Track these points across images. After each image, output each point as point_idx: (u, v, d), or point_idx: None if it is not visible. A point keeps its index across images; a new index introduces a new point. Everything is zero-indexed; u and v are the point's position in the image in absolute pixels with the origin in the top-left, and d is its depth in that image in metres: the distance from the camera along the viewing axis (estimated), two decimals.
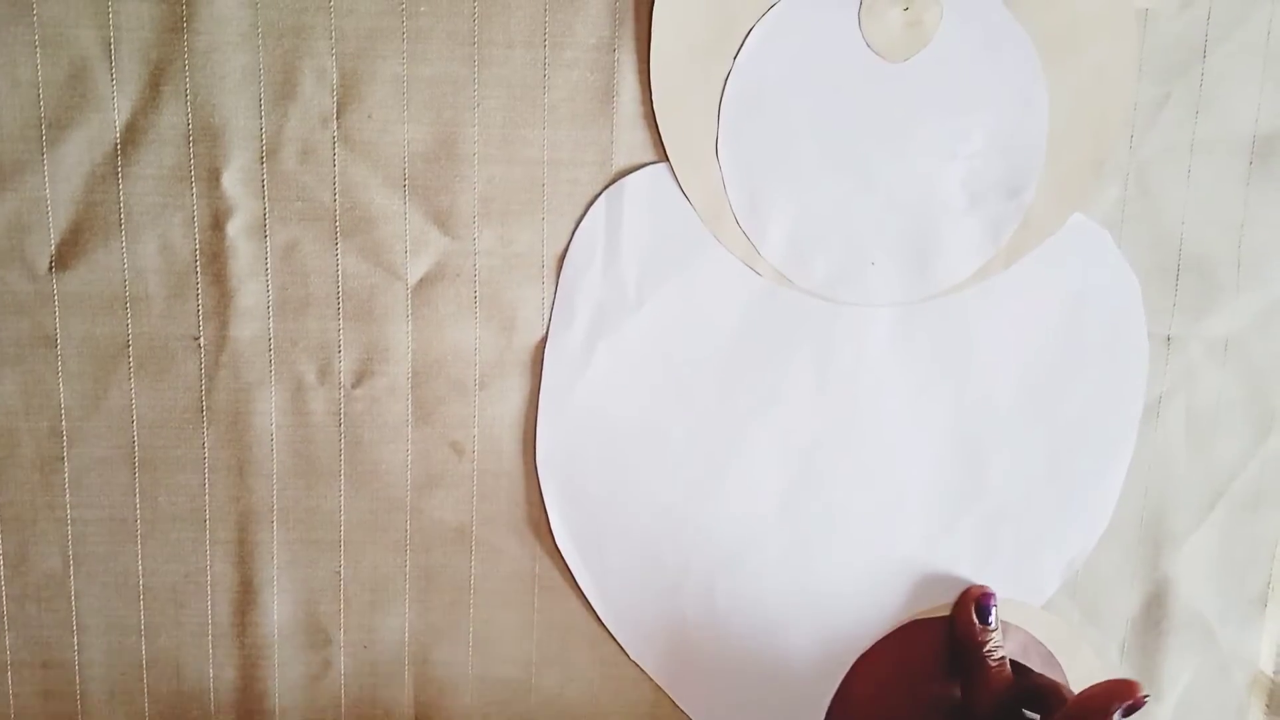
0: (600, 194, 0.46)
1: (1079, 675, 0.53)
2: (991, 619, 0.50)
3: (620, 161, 0.46)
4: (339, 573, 0.48)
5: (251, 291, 0.45)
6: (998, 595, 0.50)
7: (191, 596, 0.47)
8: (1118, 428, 0.51)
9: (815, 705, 0.52)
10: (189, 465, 0.46)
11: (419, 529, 0.48)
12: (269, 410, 0.46)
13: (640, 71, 0.45)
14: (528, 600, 0.49)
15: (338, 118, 0.44)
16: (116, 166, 0.43)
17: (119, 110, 0.43)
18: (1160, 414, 0.51)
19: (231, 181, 0.44)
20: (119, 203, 0.43)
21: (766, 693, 0.51)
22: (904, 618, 0.52)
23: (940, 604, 0.52)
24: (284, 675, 0.48)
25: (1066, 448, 0.51)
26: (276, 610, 0.48)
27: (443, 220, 0.45)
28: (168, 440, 0.46)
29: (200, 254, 0.44)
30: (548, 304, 0.46)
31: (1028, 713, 0.47)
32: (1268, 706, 0.55)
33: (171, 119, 0.43)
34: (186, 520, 0.47)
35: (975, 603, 0.50)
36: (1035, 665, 0.53)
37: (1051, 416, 0.50)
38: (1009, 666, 0.49)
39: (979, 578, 0.52)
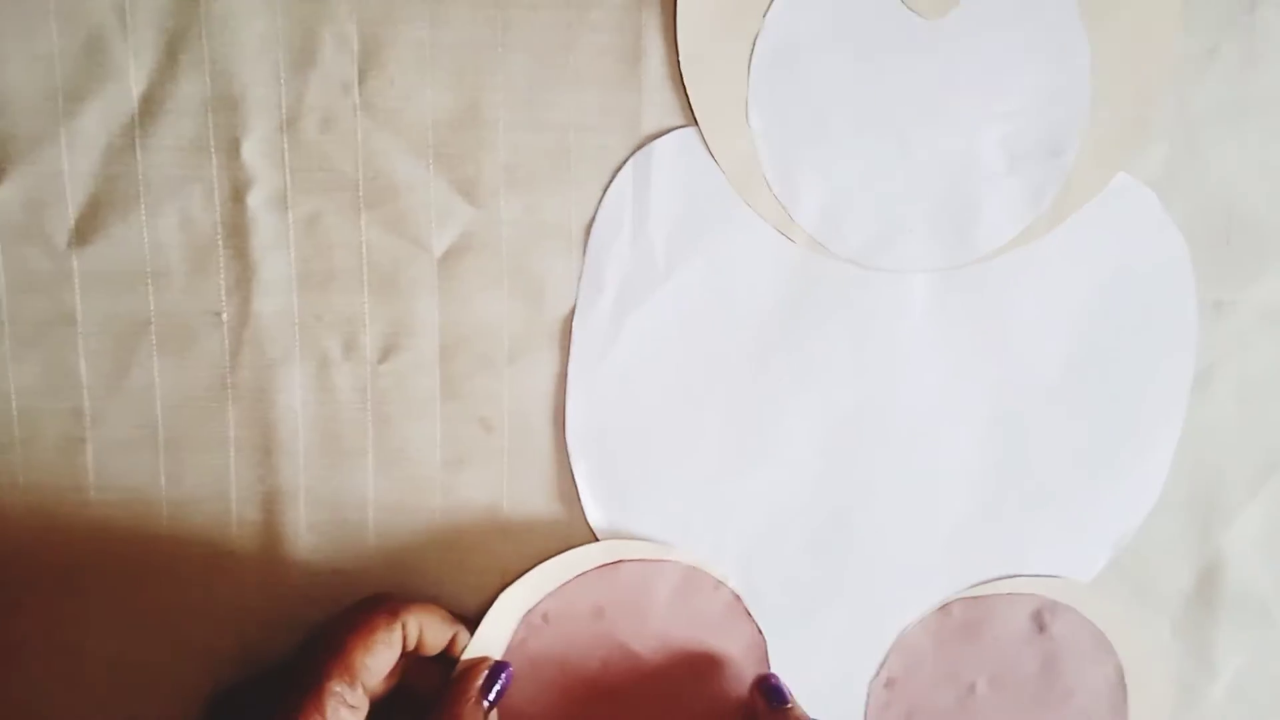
0: (627, 160, 0.45)
1: (1130, 655, 0.52)
2: (786, 697, 0.48)
3: (648, 126, 0.44)
4: (367, 554, 0.47)
5: (274, 265, 0.44)
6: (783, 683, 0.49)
7: (218, 580, 0.46)
8: (1166, 398, 0.50)
9: (855, 685, 0.51)
10: (214, 445, 0.45)
11: (448, 508, 0.47)
12: (294, 387, 0.45)
13: (667, 31, 0.44)
14: None
15: (359, 85, 0.43)
16: (134, 138, 0.42)
17: (136, 81, 0.42)
18: (1210, 383, 0.50)
19: (252, 152, 0.43)
20: (138, 175, 0.43)
21: (804, 673, 0.50)
22: (946, 598, 0.51)
23: (984, 582, 0.51)
24: None
25: (1113, 419, 0.50)
26: (306, 593, 0.47)
27: (468, 189, 0.44)
28: (192, 419, 0.45)
29: (222, 227, 0.43)
30: (576, 274, 0.45)
31: None
32: None
33: (189, 88, 0.42)
34: (212, 502, 0.46)
35: (760, 688, 0.49)
36: (1086, 646, 0.51)
37: (1097, 387, 0.49)
38: None
39: (1024, 554, 0.51)
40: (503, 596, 0.47)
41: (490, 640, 0.47)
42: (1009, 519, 0.50)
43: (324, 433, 0.46)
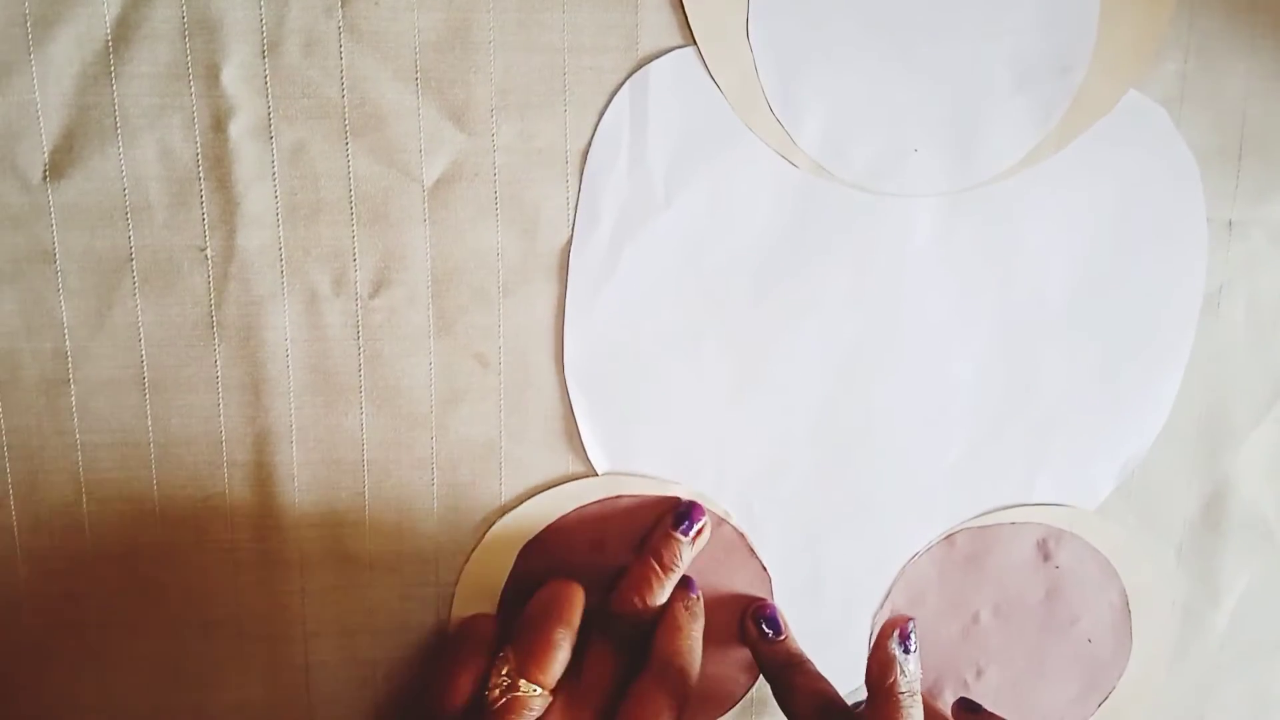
0: (623, 83, 0.43)
1: (1134, 581, 0.52)
2: (781, 628, 0.48)
3: (645, 46, 0.43)
4: (363, 494, 0.46)
5: (258, 197, 0.42)
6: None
7: (211, 522, 0.45)
8: (1175, 320, 0.49)
9: (859, 618, 0.51)
10: (201, 385, 0.44)
11: (444, 446, 0.46)
12: (282, 324, 0.44)
13: None
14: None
15: (343, 6, 0.41)
16: (109, 65, 0.40)
17: (108, 4, 0.40)
18: (1220, 305, 0.49)
19: (232, 79, 0.41)
20: (113, 105, 0.41)
21: (808, 606, 0.50)
22: (950, 528, 0.50)
23: (989, 512, 0.50)
24: (310, 598, 0.46)
25: (1121, 343, 0.49)
26: (300, 534, 0.46)
27: (458, 115, 0.42)
28: (178, 359, 0.43)
29: (202, 158, 0.42)
30: (572, 203, 0.44)
31: None
32: None
33: (165, 12, 0.40)
34: (201, 443, 0.44)
35: (754, 617, 0.48)
36: (1092, 573, 0.51)
37: (1105, 310, 0.48)
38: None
39: (1029, 483, 0.50)
40: (499, 524, 0.46)
41: (487, 568, 0.46)
42: (1014, 447, 0.50)
43: (315, 370, 0.44)
